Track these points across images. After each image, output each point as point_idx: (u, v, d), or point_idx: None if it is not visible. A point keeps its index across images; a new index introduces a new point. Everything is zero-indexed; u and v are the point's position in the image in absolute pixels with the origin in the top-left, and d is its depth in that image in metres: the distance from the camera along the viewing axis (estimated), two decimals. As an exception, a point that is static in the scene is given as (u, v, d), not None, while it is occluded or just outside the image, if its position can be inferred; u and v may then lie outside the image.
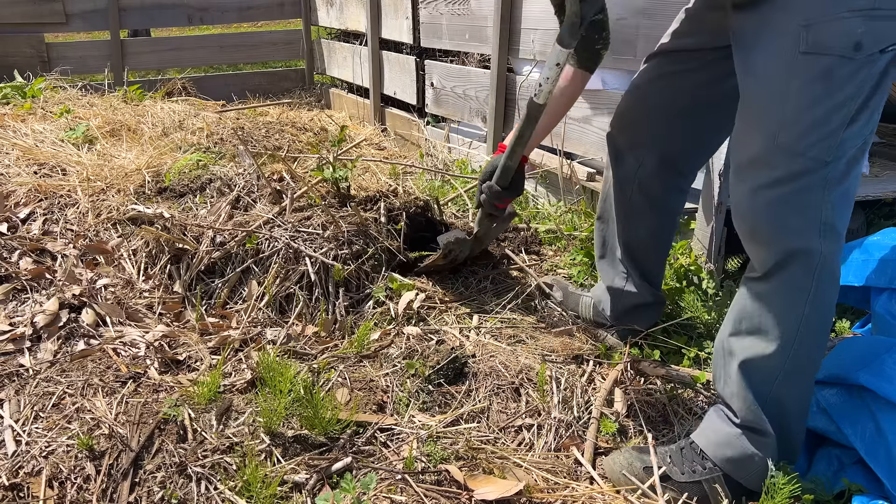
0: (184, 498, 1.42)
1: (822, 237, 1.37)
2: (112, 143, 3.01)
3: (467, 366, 1.83)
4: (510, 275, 2.36)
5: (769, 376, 1.45)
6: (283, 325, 2.03)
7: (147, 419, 1.57)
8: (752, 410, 1.45)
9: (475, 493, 1.42)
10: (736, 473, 1.47)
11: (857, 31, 1.26)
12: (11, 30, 5.06)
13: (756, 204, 1.41)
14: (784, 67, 1.33)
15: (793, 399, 1.46)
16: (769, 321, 1.43)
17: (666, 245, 1.97)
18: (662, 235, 1.94)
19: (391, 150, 4.24)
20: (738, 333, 1.49)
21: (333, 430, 1.58)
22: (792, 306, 1.41)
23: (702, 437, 1.53)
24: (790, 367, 1.43)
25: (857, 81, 1.30)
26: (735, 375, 1.48)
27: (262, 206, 2.37)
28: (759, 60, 1.38)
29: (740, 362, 1.47)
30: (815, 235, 1.37)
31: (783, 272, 1.40)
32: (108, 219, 2.37)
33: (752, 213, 1.42)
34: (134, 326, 1.96)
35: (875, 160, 3.16)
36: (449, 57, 4.17)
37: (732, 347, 1.50)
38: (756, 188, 1.40)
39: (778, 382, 1.44)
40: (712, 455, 1.49)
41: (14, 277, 2.06)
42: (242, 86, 5.76)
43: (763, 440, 1.45)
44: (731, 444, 1.48)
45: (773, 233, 1.40)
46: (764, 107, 1.38)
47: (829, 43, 1.28)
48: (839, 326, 2.14)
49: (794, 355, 1.43)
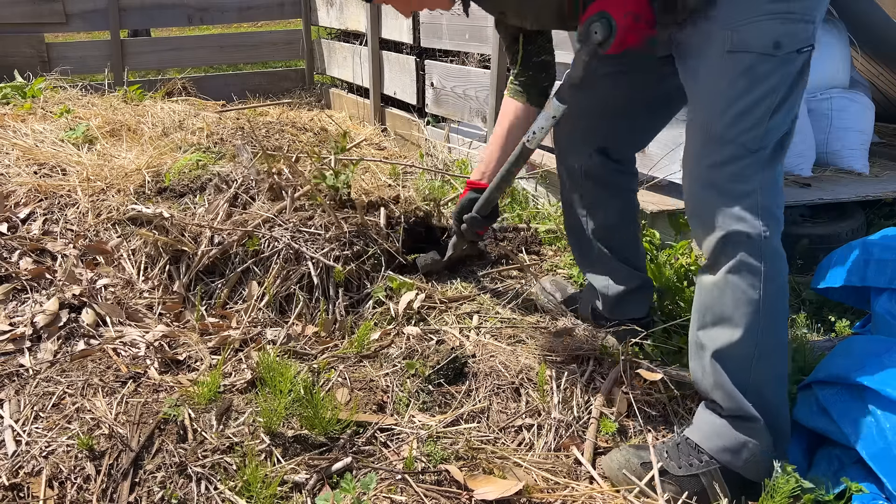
0: (184, 498, 1.42)
1: (759, 219, 1.46)
2: (112, 143, 3.01)
3: (467, 366, 1.83)
4: (510, 275, 2.36)
5: (743, 362, 1.49)
6: (284, 325, 2.03)
7: (147, 419, 1.57)
8: (733, 399, 1.49)
9: (475, 493, 1.42)
10: (732, 463, 1.50)
11: (776, 32, 1.43)
12: (11, 30, 5.06)
13: (695, 190, 1.54)
14: (715, 67, 1.49)
15: (771, 380, 1.51)
16: (729, 308, 1.49)
17: (633, 222, 2.03)
18: (627, 214, 2.00)
19: (391, 150, 4.24)
20: (705, 326, 1.54)
21: (333, 430, 1.58)
22: (748, 289, 1.47)
23: (695, 432, 1.56)
24: (761, 350, 1.49)
25: (778, 77, 1.45)
26: (710, 368, 1.52)
27: (261, 204, 2.37)
28: (696, 65, 1.53)
29: (712, 354, 1.52)
30: (753, 217, 1.46)
31: (730, 258, 1.48)
32: (107, 219, 2.37)
33: (692, 200, 1.55)
34: (134, 326, 1.96)
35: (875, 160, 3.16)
36: (449, 57, 4.18)
37: (702, 341, 1.55)
38: (695, 176, 1.54)
39: (753, 367, 1.49)
40: (707, 448, 1.52)
41: (14, 277, 2.06)
42: (242, 86, 5.76)
43: (752, 426, 1.48)
44: (722, 434, 1.51)
45: (712, 217, 1.49)
46: (701, 104, 1.53)
47: (751, 42, 1.44)
48: (839, 326, 2.14)
49: (761, 337, 1.48)
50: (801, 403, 1.69)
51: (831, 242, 2.53)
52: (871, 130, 3.13)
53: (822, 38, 3.13)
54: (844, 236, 2.63)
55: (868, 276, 1.92)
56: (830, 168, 3.05)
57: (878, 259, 1.91)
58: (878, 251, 1.93)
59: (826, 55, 3.12)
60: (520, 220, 2.83)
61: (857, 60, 3.49)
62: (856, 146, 3.06)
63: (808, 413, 1.66)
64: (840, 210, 2.82)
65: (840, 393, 1.60)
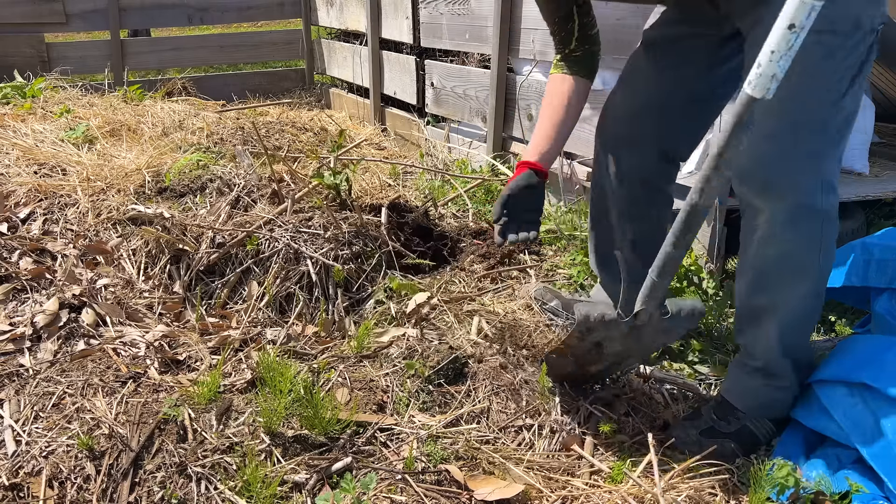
0: (184, 498, 1.42)
1: (824, 193, 1.54)
2: (112, 143, 3.01)
3: (467, 366, 1.83)
4: (510, 275, 2.36)
5: (790, 325, 1.62)
6: (283, 325, 2.03)
7: (147, 419, 1.57)
8: (771, 356, 1.64)
9: (475, 493, 1.42)
10: (767, 414, 1.69)
11: (857, 10, 1.43)
12: (11, 30, 5.06)
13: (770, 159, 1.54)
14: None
15: (804, 345, 1.70)
16: (790, 273, 1.59)
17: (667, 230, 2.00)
18: (665, 221, 1.95)
19: (391, 150, 4.24)
20: (760, 290, 1.63)
21: (333, 430, 1.58)
22: (809, 257, 1.57)
23: (730, 393, 1.71)
24: (807, 314, 1.65)
25: (854, 56, 1.46)
26: (762, 329, 1.64)
27: (262, 207, 2.37)
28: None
29: (764, 315, 1.62)
30: (818, 191, 1.53)
31: (795, 226, 1.55)
32: (108, 219, 2.37)
33: (764, 168, 1.54)
34: (134, 326, 1.96)
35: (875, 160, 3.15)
36: (449, 57, 4.17)
37: (755, 303, 1.64)
38: (765, 151, 1.53)
39: (795, 330, 1.65)
40: (742, 407, 1.68)
41: (14, 277, 2.06)
42: (242, 86, 5.76)
43: (781, 383, 1.66)
44: (756, 393, 1.68)
45: (782, 190, 1.53)
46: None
47: (836, 21, 1.41)
48: (839, 326, 2.14)
49: (812, 302, 1.63)
50: (802, 402, 1.69)
51: (831, 242, 2.53)
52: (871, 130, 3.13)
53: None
54: (844, 236, 2.62)
55: (868, 276, 1.92)
56: (830, 168, 3.05)
57: (878, 259, 1.91)
58: (878, 251, 1.93)
59: (826, 55, 3.11)
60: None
61: (857, 60, 3.48)
62: (856, 146, 3.06)
63: (808, 412, 1.66)
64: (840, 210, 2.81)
65: (841, 392, 1.60)
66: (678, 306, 1.54)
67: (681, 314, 1.54)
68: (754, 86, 1.23)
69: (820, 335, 2.18)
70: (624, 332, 1.56)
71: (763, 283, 1.62)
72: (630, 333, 1.56)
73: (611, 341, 1.61)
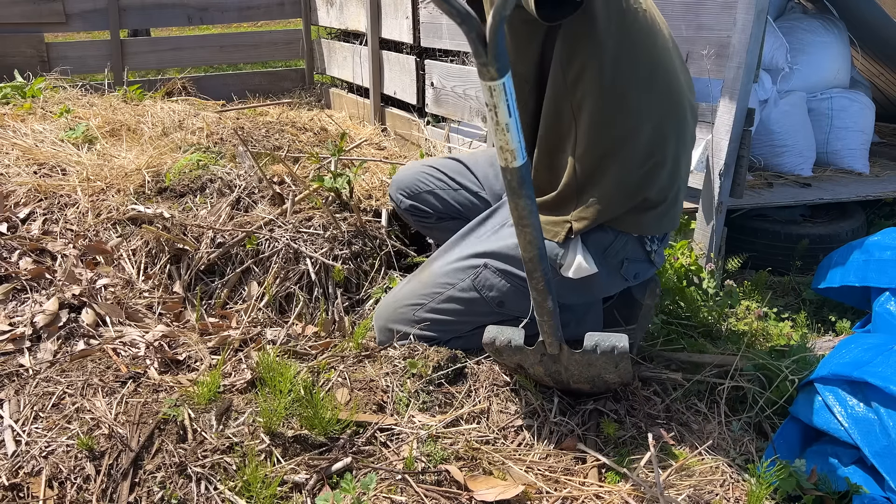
0: (184, 498, 1.42)
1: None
2: (112, 143, 3.01)
3: (467, 366, 1.83)
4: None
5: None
6: (283, 325, 2.03)
7: (147, 419, 1.57)
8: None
9: (475, 493, 1.42)
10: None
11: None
12: (11, 30, 5.06)
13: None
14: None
15: None
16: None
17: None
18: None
19: (391, 150, 4.23)
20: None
21: (333, 430, 1.58)
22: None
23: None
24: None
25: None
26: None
27: (262, 207, 2.37)
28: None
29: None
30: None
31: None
32: (107, 219, 2.37)
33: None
34: (134, 326, 1.96)
35: (875, 160, 3.16)
36: (449, 57, 4.17)
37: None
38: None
39: None
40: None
41: (14, 277, 2.06)
42: (242, 86, 5.76)
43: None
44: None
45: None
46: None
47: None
48: (839, 326, 2.14)
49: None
50: (803, 400, 1.69)
51: (831, 242, 2.53)
52: (871, 130, 3.13)
53: (821, 38, 3.13)
54: (844, 236, 2.63)
55: (868, 276, 1.92)
56: (830, 168, 3.05)
57: (878, 259, 1.91)
58: (878, 251, 1.93)
59: (826, 55, 3.12)
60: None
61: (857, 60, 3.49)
62: (856, 146, 3.07)
63: (809, 410, 1.66)
64: (840, 210, 2.82)
65: (843, 390, 1.60)
66: (595, 342, 1.48)
67: (596, 350, 1.48)
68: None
69: (820, 335, 2.18)
70: (537, 359, 1.54)
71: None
72: (543, 361, 1.54)
73: (531, 365, 1.62)
